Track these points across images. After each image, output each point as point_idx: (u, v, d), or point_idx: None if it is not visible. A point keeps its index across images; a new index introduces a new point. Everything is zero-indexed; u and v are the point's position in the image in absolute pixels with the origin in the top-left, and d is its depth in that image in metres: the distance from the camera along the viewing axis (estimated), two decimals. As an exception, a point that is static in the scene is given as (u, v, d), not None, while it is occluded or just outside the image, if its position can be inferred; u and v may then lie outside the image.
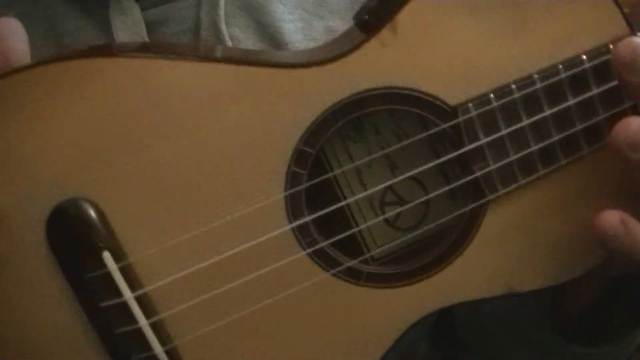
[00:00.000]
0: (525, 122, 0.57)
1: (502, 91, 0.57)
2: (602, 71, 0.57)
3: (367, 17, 0.57)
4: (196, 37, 0.68)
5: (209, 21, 0.67)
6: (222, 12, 0.68)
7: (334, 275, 0.58)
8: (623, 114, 0.57)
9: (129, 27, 0.66)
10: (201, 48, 0.64)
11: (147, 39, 0.67)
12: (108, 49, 0.59)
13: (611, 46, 0.56)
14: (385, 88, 0.56)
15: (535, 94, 0.57)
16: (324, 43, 0.62)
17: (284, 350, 0.58)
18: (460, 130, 0.57)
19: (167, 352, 0.56)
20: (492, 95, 0.57)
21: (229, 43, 0.68)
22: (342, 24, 0.70)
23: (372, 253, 0.61)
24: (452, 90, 0.56)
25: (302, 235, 0.57)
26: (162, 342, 0.56)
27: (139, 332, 0.56)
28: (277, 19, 0.69)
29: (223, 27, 0.68)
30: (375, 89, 0.56)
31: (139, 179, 0.54)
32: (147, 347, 0.56)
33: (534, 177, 0.58)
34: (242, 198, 0.56)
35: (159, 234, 0.55)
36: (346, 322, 0.59)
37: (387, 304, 0.59)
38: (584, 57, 0.57)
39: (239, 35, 0.68)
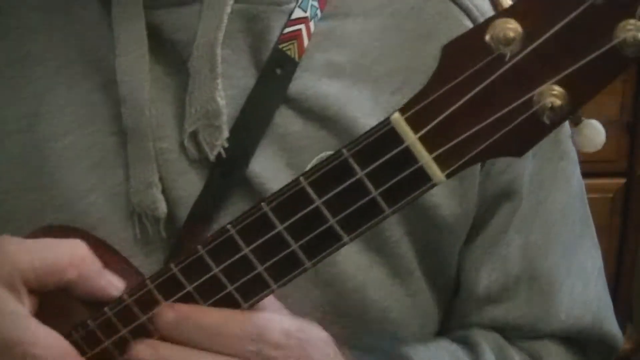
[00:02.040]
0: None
1: None
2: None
3: None
4: (188, 49, 0.65)
5: (205, 40, 0.64)
6: (221, 35, 0.64)
7: None
8: None
9: (128, 20, 0.64)
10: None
11: (145, 37, 0.65)
12: None
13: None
14: None
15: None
16: None
17: None
18: None
19: None
20: None
21: (220, 69, 0.64)
22: (346, 59, 0.67)
23: None
24: None
25: None
26: None
27: None
28: (270, 47, 0.66)
29: (218, 51, 0.64)
30: None
31: None
32: None
33: None
34: None
35: None
36: None
37: None
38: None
39: (230, 56, 0.65)
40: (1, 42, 0.68)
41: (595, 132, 0.47)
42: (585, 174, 0.74)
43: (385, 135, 0.47)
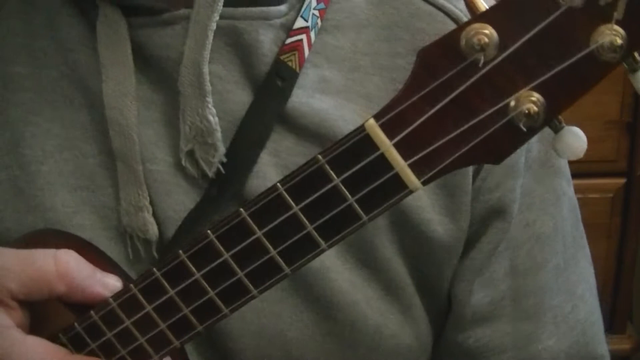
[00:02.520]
0: None
1: None
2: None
3: None
4: (177, 68, 0.64)
5: (191, 59, 0.64)
6: (206, 54, 0.64)
7: None
8: None
9: (113, 43, 0.65)
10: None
11: (130, 59, 0.65)
12: None
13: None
14: None
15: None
16: None
17: None
18: None
19: None
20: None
21: (208, 87, 0.64)
22: (338, 74, 0.67)
23: None
24: None
25: None
26: None
27: None
28: (265, 61, 0.65)
29: (205, 69, 0.64)
30: None
31: None
32: None
33: None
34: None
35: None
36: None
37: None
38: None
39: (221, 72, 0.65)
40: None
41: (575, 139, 0.47)
42: (585, 174, 0.73)
43: (360, 141, 0.47)
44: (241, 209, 0.52)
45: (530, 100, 0.45)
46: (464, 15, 0.67)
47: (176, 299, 0.55)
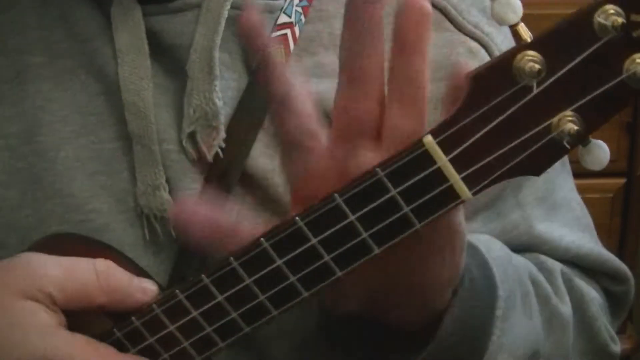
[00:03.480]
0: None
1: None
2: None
3: None
4: (186, 53, 0.67)
5: (202, 45, 0.67)
6: (218, 39, 0.67)
7: None
8: None
9: (129, 28, 0.67)
10: None
11: (145, 44, 0.67)
12: None
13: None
14: None
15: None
16: None
17: None
18: None
19: None
20: None
21: (218, 72, 0.67)
22: (333, 58, 0.70)
23: None
24: None
25: None
26: None
27: None
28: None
29: (216, 54, 0.66)
30: None
31: None
32: None
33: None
34: None
35: None
36: None
37: None
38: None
39: (226, 59, 0.68)
40: None
41: (602, 152, 0.52)
42: (586, 174, 0.77)
43: (419, 156, 0.51)
44: (297, 218, 0.54)
45: (570, 121, 0.50)
46: (446, 3, 0.72)
47: (225, 304, 0.57)
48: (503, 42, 0.74)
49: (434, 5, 0.71)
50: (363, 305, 0.60)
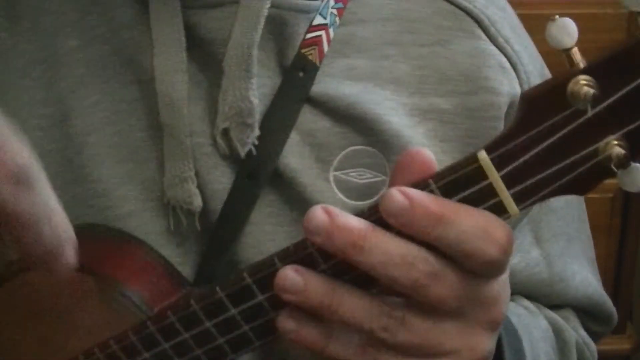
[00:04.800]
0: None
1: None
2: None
3: None
4: (224, 51, 0.67)
5: (240, 42, 0.67)
6: (257, 37, 0.67)
7: None
8: None
9: (167, 20, 0.67)
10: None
11: (182, 35, 0.68)
12: None
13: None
14: None
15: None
16: None
17: None
18: None
19: None
20: None
21: (255, 70, 0.67)
22: (366, 62, 0.71)
23: None
24: None
25: None
26: None
27: None
28: (294, 53, 0.69)
29: (254, 52, 0.67)
30: None
31: None
32: None
33: None
34: None
35: None
36: None
37: None
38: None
39: (262, 58, 0.68)
40: (29, 43, 0.71)
41: None
42: None
43: (472, 171, 0.52)
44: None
45: (617, 145, 0.51)
46: (480, 12, 0.73)
47: (264, 304, 0.58)
48: (528, 63, 0.75)
49: (467, 13, 0.73)
50: None
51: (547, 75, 0.78)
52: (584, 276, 0.82)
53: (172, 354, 0.61)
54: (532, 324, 0.74)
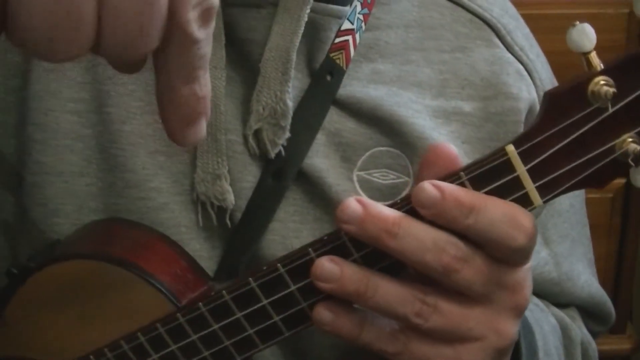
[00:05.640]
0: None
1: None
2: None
3: None
4: (260, 51, 0.68)
5: (279, 44, 0.67)
6: (297, 41, 0.67)
7: None
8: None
9: None
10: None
11: (222, 33, 0.67)
12: None
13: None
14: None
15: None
16: None
17: None
18: None
19: None
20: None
21: (292, 73, 0.68)
22: (390, 66, 0.73)
23: None
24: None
25: None
26: None
27: None
28: (323, 57, 0.70)
29: (293, 56, 0.67)
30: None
31: None
32: None
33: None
34: None
35: None
36: None
37: None
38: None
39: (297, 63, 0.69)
40: None
41: None
42: None
43: (500, 164, 0.56)
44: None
45: (633, 141, 0.56)
46: (497, 21, 0.76)
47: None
48: (542, 71, 0.78)
49: (485, 21, 0.76)
50: None
51: (556, 83, 0.81)
52: (587, 276, 0.85)
53: (200, 345, 0.62)
54: (542, 318, 0.76)
